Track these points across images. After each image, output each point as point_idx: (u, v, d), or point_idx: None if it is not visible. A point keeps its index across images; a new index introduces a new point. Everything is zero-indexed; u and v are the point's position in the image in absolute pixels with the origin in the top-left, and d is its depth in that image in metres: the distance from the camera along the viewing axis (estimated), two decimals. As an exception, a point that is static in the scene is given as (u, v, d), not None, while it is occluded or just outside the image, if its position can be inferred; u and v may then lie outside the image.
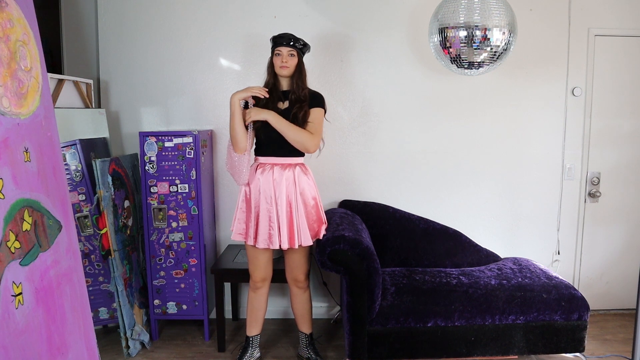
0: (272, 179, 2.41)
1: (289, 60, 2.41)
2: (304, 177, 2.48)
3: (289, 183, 2.42)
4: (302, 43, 2.45)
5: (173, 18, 3.16)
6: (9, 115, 1.55)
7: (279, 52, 2.42)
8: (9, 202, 1.50)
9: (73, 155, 2.72)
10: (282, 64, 2.41)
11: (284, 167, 2.44)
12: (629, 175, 3.31)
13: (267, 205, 2.41)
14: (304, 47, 2.47)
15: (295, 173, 2.45)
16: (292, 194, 2.43)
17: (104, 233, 2.70)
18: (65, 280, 1.80)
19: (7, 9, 1.59)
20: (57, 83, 2.78)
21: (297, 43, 2.43)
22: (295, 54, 2.43)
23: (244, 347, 2.67)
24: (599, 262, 3.38)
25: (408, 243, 3.07)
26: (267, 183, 2.41)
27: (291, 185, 2.43)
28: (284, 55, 2.41)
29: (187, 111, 3.23)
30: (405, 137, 3.24)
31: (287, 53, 2.41)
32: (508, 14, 2.48)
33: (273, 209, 2.40)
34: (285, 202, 2.41)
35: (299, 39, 2.44)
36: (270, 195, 2.40)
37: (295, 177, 2.44)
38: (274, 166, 2.44)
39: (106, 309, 2.89)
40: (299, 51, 2.44)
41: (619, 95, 3.25)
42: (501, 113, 3.23)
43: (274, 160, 2.45)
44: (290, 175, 2.43)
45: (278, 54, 2.43)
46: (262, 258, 2.53)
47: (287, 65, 2.41)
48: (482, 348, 2.49)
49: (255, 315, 2.63)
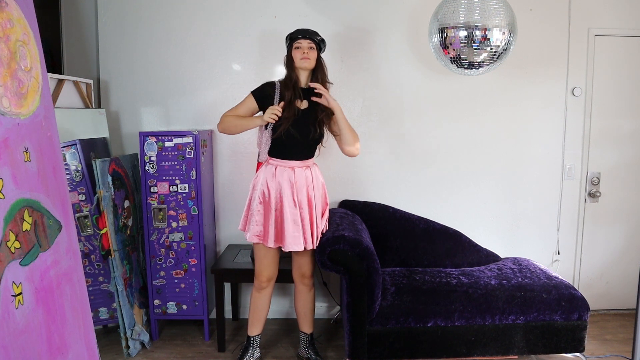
0: (293, 181, 2.40)
1: (309, 53, 2.36)
2: (319, 176, 2.52)
3: (308, 184, 2.44)
4: (320, 38, 2.43)
5: (173, 18, 3.16)
6: (9, 115, 1.55)
7: (299, 45, 2.37)
8: (9, 202, 1.50)
9: (73, 155, 2.72)
10: (303, 55, 2.35)
11: (303, 168, 2.45)
12: (629, 175, 3.31)
13: (291, 208, 2.39)
14: (322, 42, 2.45)
15: (313, 173, 2.47)
16: (312, 195, 2.44)
17: (104, 233, 2.70)
18: (65, 280, 1.80)
19: (7, 9, 1.59)
20: (57, 83, 2.78)
21: (316, 37, 2.40)
22: (314, 47, 2.39)
23: (245, 347, 2.66)
24: (599, 262, 3.38)
25: (408, 243, 3.07)
26: (288, 185, 2.40)
27: (310, 186, 2.44)
28: (305, 47, 2.36)
29: (187, 111, 3.23)
30: (405, 137, 3.24)
31: (307, 45, 2.37)
32: (508, 14, 2.48)
33: (297, 212, 2.40)
34: (306, 203, 2.42)
35: (317, 34, 2.42)
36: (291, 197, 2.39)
37: (313, 177, 2.46)
38: (294, 168, 2.43)
39: (106, 309, 2.89)
40: (317, 45, 2.41)
41: (619, 95, 3.25)
42: (501, 113, 3.23)
43: (292, 164, 2.43)
44: (309, 176, 2.45)
45: (298, 47, 2.37)
46: (272, 257, 2.52)
47: (309, 57, 2.36)
48: (482, 348, 2.49)
49: (259, 315, 2.62)
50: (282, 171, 2.41)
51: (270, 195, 2.40)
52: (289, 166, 2.41)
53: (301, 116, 2.39)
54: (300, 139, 2.39)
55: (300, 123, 2.38)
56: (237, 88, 3.18)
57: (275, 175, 2.41)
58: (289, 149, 2.42)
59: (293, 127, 2.36)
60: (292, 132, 2.36)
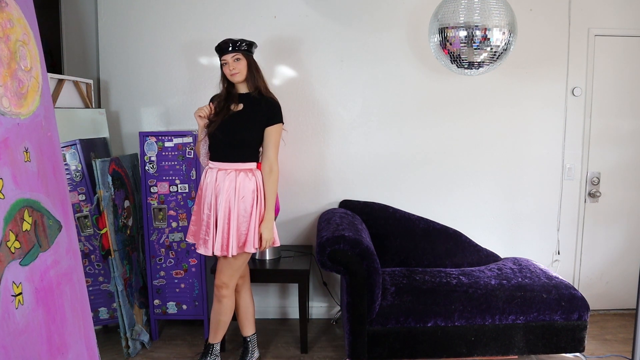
0: (213, 183, 2.37)
1: (236, 66, 2.37)
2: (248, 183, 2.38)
3: (230, 188, 2.34)
4: (245, 44, 2.39)
5: (173, 18, 3.16)
6: (9, 115, 1.55)
7: (224, 61, 2.38)
8: (9, 202, 1.50)
9: (73, 155, 2.72)
10: (231, 71, 2.37)
11: (228, 171, 2.37)
12: (629, 175, 3.31)
13: (207, 209, 2.38)
14: (249, 48, 2.41)
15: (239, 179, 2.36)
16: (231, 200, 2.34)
17: (104, 233, 2.70)
18: (65, 280, 1.80)
19: (7, 9, 1.59)
20: (57, 83, 2.78)
21: (239, 47, 2.37)
22: (241, 57, 2.37)
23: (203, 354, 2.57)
24: (599, 262, 3.38)
25: (408, 243, 3.07)
26: (211, 187, 2.37)
27: (232, 192, 2.35)
28: (230, 62, 2.36)
29: (187, 111, 3.23)
30: (405, 137, 3.24)
31: (232, 59, 2.36)
32: (508, 14, 2.48)
33: (211, 215, 2.36)
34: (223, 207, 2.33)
35: (240, 41, 2.37)
36: (211, 199, 2.37)
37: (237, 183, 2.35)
38: (219, 170, 2.39)
39: (106, 309, 2.89)
40: (244, 53, 2.39)
41: (619, 95, 3.25)
42: (501, 113, 3.23)
43: (218, 165, 2.40)
44: (233, 180, 2.35)
45: (224, 63, 2.39)
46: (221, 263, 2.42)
47: (237, 72, 2.37)
48: (482, 348, 2.49)
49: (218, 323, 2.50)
50: (210, 172, 2.42)
51: (201, 196, 2.44)
52: (216, 167, 2.41)
53: (231, 117, 2.40)
54: (224, 139, 2.37)
55: (228, 124, 2.38)
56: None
57: (205, 176, 2.43)
58: (214, 150, 2.43)
59: (219, 128, 2.38)
60: (215, 133, 2.38)
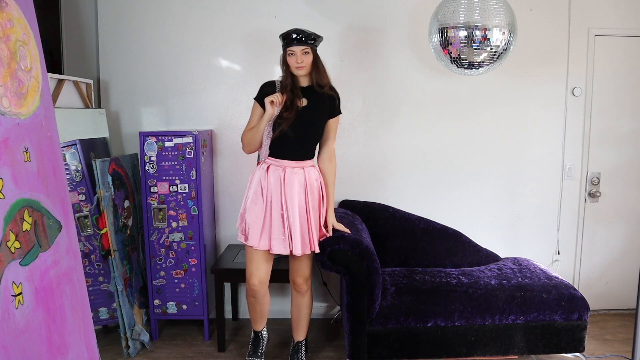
0: (282, 181, 2.35)
1: (304, 60, 2.31)
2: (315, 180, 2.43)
3: (301, 186, 2.36)
4: (313, 38, 2.33)
5: (173, 18, 3.16)
6: (9, 115, 1.55)
7: (292, 52, 2.31)
8: (9, 202, 1.50)
9: (73, 155, 2.72)
10: (297, 64, 2.30)
11: (295, 169, 2.38)
12: (629, 175, 3.31)
13: (278, 209, 2.35)
14: (316, 41, 2.36)
15: (307, 175, 2.39)
16: (308, 198, 2.38)
17: (104, 233, 2.70)
18: (65, 280, 1.80)
19: (7, 9, 1.59)
20: (57, 83, 2.78)
21: (309, 40, 2.31)
22: (309, 51, 2.32)
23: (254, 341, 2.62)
24: (599, 262, 3.38)
25: (408, 243, 3.07)
26: (277, 185, 2.35)
27: (302, 189, 2.37)
28: (298, 55, 2.29)
29: (187, 111, 3.23)
30: (405, 137, 3.24)
31: (301, 52, 2.29)
32: (508, 14, 2.48)
33: (285, 214, 2.34)
34: (296, 206, 2.34)
35: (310, 34, 2.31)
36: (279, 198, 2.34)
37: (306, 180, 2.38)
38: (286, 168, 2.37)
39: (106, 309, 2.89)
40: (312, 47, 2.33)
41: (619, 95, 3.25)
42: (501, 113, 3.23)
43: (284, 164, 2.38)
44: (302, 178, 2.37)
45: (291, 54, 2.31)
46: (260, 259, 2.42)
47: (303, 65, 2.31)
48: (482, 348, 2.49)
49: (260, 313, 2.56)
50: (274, 170, 2.37)
51: (264, 194, 2.37)
52: (281, 166, 2.38)
53: (300, 115, 2.35)
54: (294, 137, 2.34)
55: (297, 122, 2.34)
56: (237, 88, 3.19)
57: (267, 175, 2.38)
58: (281, 148, 2.38)
59: (291, 126, 2.33)
60: (286, 131, 2.33)
